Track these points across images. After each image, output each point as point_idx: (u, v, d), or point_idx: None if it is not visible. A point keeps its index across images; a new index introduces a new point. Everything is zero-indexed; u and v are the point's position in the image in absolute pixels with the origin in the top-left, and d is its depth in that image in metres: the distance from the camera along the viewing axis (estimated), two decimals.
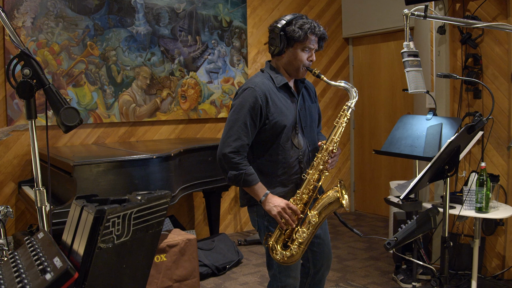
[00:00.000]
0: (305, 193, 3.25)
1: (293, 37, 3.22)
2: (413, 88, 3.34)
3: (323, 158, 3.25)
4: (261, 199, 3.21)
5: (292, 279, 3.39)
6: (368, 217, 8.23)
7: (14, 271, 1.85)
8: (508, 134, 5.18)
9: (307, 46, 3.26)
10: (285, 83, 3.33)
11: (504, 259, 5.28)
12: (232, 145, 3.17)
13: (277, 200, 3.20)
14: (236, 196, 7.43)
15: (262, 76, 3.35)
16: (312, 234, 3.23)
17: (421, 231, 3.09)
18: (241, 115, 3.19)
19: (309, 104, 3.48)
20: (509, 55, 5.15)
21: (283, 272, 3.35)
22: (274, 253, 3.25)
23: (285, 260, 3.22)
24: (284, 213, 3.16)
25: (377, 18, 7.85)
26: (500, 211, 4.68)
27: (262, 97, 3.20)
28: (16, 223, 5.77)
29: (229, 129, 3.22)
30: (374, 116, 8.24)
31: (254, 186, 3.20)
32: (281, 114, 3.26)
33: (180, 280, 4.81)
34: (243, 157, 3.20)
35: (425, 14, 3.25)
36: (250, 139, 3.23)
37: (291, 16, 3.26)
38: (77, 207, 1.98)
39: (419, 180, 3.13)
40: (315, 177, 3.25)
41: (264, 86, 3.25)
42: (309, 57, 3.31)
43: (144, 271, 2.13)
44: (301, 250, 3.21)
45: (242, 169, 3.17)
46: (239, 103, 3.23)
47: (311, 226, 3.21)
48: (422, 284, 5.17)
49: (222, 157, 3.20)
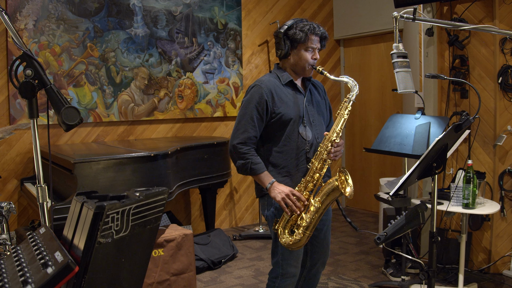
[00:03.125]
0: (309, 181, 3.32)
1: (296, 39, 3.37)
2: (402, 88, 3.34)
3: (325, 147, 3.31)
4: (267, 186, 3.32)
5: (293, 268, 3.46)
6: (359, 213, 8.25)
7: (16, 265, 1.85)
8: (494, 132, 5.20)
9: (309, 46, 3.41)
10: (290, 80, 3.46)
11: (490, 254, 5.30)
12: (240, 137, 3.34)
13: (281, 187, 3.29)
14: (231, 192, 7.44)
15: (269, 75, 3.52)
16: (316, 220, 3.28)
17: (410, 227, 3.09)
18: (248, 110, 3.36)
19: (317, 99, 3.59)
20: (494, 56, 5.16)
21: (285, 260, 3.43)
22: (281, 238, 3.32)
23: (291, 244, 3.29)
24: (288, 199, 3.25)
25: (367, 20, 7.85)
26: (486, 207, 4.69)
27: (268, 93, 3.35)
28: (18, 218, 5.76)
29: (238, 123, 3.39)
30: (365, 115, 8.26)
31: (260, 175, 3.33)
32: (287, 107, 3.38)
33: (177, 274, 4.81)
34: (251, 148, 3.35)
35: (414, 17, 3.26)
36: (257, 131, 3.36)
37: (292, 21, 3.43)
38: (77, 203, 1.98)
39: (408, 177, 3.14)
40: (318, 166, 3.31)
41: (270, 83, 3.40)
42: (312, 56, 3.44)
43: (143, 265, 2.13)
44: (306, 236, 3.26)
45: (249, 158, 3.31)
46: (247, 99, 3.40)
47: (315, 212, 3.26)
48: (411, 277, 5.18)
49: (232, 148, 3.37)
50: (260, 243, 6.63)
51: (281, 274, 3.45)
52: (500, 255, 5.26)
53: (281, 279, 3.46)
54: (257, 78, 7.53)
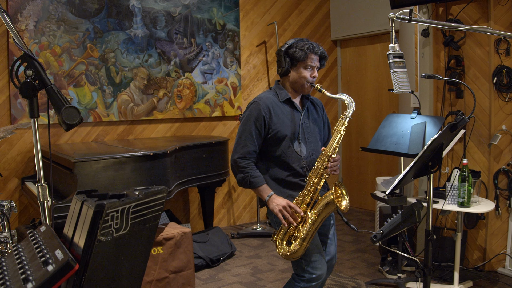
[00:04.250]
0: (306, 194, 3.36)
1: (295, 57, 3.45)
2: (398, 88, 3.34)
3: (322, 162, 3.36)
4: (266, 199, 3.39)
5: (319, 271, 3.42)
6: (356, 211, 8.25)
7: (17, 262, 1.85)
8: (489, 132, 5.20)
9: (308, 65, 3.47)
10: (288, 98, 3.54)
11: (485, 252, 5.31)
12: (240, 151, 3.43)
13: (279, 200, 3.35)
14: (229, 191, 7.43)
15: (268, 92, 3.60)
16: (313, 232, 3.32)
17: (406, 225, 3.09)
18: (247, 126, 3.45)
19: (314, 117, 3.66)
20: (489, 56, 5.16)
21: (309, 265, 3.41)
22: (278, 249, 3.38)
23: (288, 255, 3.34)
24: (285, 211, 3.31)
25: (364, 21, 7.86)
26: (481, 206, 4.69)
27: (266, 110, 3.44)
28: (19, 217, 5.75)
29: (238, 138, 3.48)
30: (361, 115, 8.26)
31: (259, 188, 3.41)
32: (283, 124, 3.46)
33: (176, 272, 4.81)
34: (250, 162, 3.43)
35: (409, 18, 3.25)
36: (256, 146, 3.45)
37: (293, 40, 3.51)
38: (77, 201, 1.98)
39: (404, 176, 3.14)
40: (315, 180, 3.35)
41: (268, 100, 3.49)
42: (311, 74, 3.50)
43: (142, 262, 2.13)
44: (303, 247, 3.30)
45: (248, 172, 3.40)
46: (247, 115, 3.49)
47: (312, 224, 3.30)
48: (407, 275, 5.18)
49: (233, 162, 3.46)
50: (258, 241, 6.63)
51: (308, 279, 3.41)
52: (495, 253, 5.26)
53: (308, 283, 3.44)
54: (255, 78, 7.61)
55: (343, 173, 8.70)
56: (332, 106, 8.49)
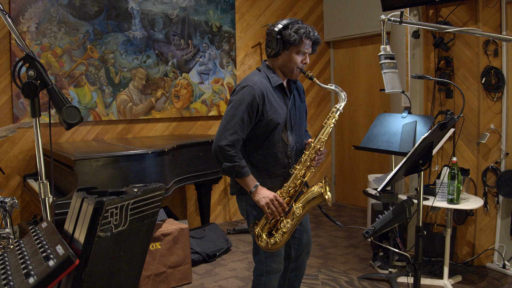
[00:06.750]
0: (291, 187, 3.25)
1: (289, 40, 3.20)
2: (390, 88, 3.35)
3: (310, 155, 3.25)
4: (251, 190, 3.19)
5: (277, 264, 3.38)
6: (348, 208, 8.26)
7: (19, 258, 1.85)
8: (478, 131, 5.21)
9: (301, 50, 3.24)
10: (281, 83, 3.31)
11: (473, 247, 5.32)
12: (228, 138, 3.14)
13: (265, 192, 3.19)
14: (225, 188, 7.43)
15: (259, 75, 3.31)
16: (295, 225, 3.24)
17: (397, 221, 3.10)
18: (239, 111, 3.17)
19: (299, 103, 3.47)
20: (478, 57, 5.17)
21: (268, 258, 3.35)
22: (259, 240, 3.25)
23: (269, 247, 3.23)
24: (272, 205, 3.17)
25: (356, 23, 7.86)
26: (470, 203, 4.70)
27: (260, 96, 3.18)
28: (21, 213, 5.74)
29: (227, 123, 3.19)
30: (354, 114, 8.26)
31: (246, 178, 3.18)
32: (275, 112, 3.24)
33: (174, 267, 4.81)
34: (238, 150, 3.17)
35: (400, 20, 3.26)
36: (245, 134, 3.21)
37: (287, 21, 3.24)
38: (78, 198, 1.98)
39: (395, 173, 3.14)
40: (301, 173, 3.25)
41: (262, 85, 3.22)
42: (303, 60, 3.28)
43: (140, 258, 2.13)
44: (284, 239, 3.22)
45: (236, 162, 3.14)
46: (238, 99, 3.21)
47: (295, 217, 3.22)
48: (398, 270, 5.19)
49: (218, 148, 3.17)
50: None
51: (266, 271, 3.37)
52: (484, 248, 5.28)
53: (266, 276, 3.38)
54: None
55: (335, 170, 8.71)
56: (326, 105, 8.49)
